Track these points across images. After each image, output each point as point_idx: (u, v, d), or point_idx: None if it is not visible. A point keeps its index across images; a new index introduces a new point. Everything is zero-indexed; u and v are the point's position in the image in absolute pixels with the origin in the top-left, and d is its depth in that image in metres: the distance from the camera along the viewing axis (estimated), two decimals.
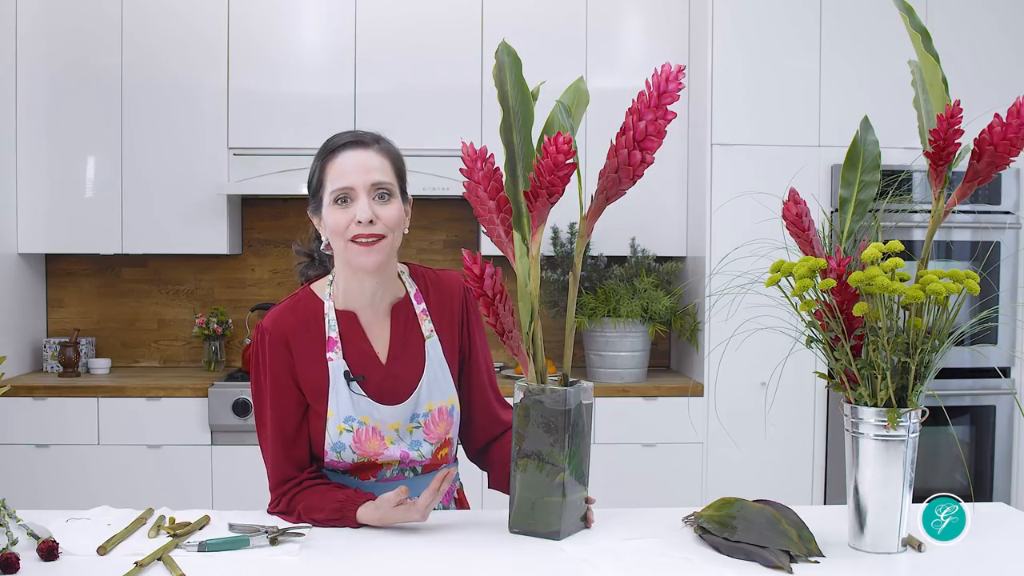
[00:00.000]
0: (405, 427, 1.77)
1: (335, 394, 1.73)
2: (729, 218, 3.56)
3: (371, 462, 1.76)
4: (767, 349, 1.71)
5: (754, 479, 3.61)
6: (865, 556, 1.55)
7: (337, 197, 1.69)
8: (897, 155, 3.02)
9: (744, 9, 3.76)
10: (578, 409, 1.61)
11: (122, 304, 4.24)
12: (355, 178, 1.68)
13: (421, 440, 1.78)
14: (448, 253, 4.29)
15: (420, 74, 3.92)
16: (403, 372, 1.78)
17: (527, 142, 1.59)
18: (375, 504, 1.65)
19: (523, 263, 1.60)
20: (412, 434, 1.78)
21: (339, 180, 1.68)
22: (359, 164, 1.69)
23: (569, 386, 1.61)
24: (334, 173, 1.69)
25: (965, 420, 3.85)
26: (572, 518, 1.64)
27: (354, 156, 1.70)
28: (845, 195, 1.66)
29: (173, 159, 3.88)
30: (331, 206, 1.69)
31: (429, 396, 1.78)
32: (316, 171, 1.74)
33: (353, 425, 1.73)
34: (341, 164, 1.69)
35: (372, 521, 1.65)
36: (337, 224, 1.68)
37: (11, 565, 1.42)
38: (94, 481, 3.59)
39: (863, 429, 1.55)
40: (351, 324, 1.77)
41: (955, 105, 1.53)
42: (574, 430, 1.60)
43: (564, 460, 1.59)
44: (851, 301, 1.53)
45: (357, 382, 1.74)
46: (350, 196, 1.68)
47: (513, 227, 1.59)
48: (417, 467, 1.81)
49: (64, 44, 3.86)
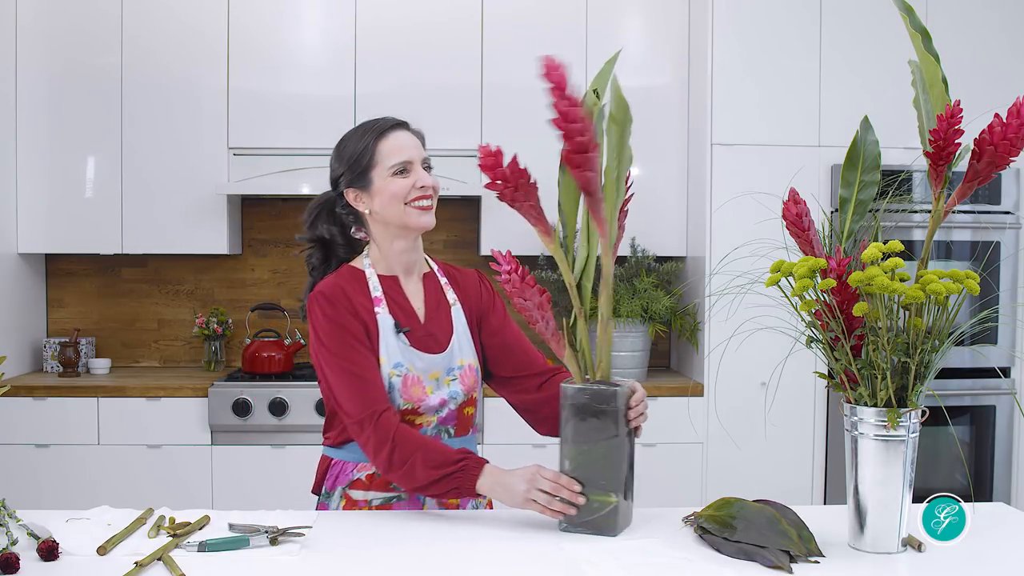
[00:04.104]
0: (444, 378, 1.94)
1: (385, 344, 1.89)
2: (729, 218, 3.56)
3: (414, 410, 1.89)
4: (767, 349, 1.71)
5: (754, 479, 3.61)
6: (865, 556, 1.55)
7: (398, 169, 1.90)
8: (897, 155, 3.02)
9: (744, 9, 3.76)
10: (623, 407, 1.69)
11: (122, 304, 4.24)
12: (412, 152, 1.92)
13: (458, 390, 1.96)
14: (448, 253, 4.29)
15: (420, 74, 3.92)
16: (437, 331, 1.97)
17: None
18: (505, 485, 1.72)
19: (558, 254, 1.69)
20: (449, 386, 1.94)
21: (399, 155, 1.91)
22: (411, 141, 1.94)
23: (616, 386, 1.68)
24: (391, 149, 1.91)
25: (965, 420, 3.85)
26: (626, 514, 1.69)
27: (405, 135, 1.94)
28: (845, 195, 1.66)
29: (173, 159, 3.88)
30: (391, 177, 1.90)
31: (460, 352, 1.97)
32: (367, 148, 1.92)
33: (401, 371, 1.88)
34: (397, 141, 1.92)
35: (488, 492, 1.75)
36: (400, 190, 1.90)
37: (11, 565, 1.42)
38: (94, 481, 3.59)
39: (863, 429, 1.55)
40: (393, 286, 1.96)
41: (955, 105, 1.53)
42: (618, 427, 1.66)
43: (613, 459, 1.65)
44: (851, 301, 1.53)
45: (404, 333, 1.91)
46: (408, 168, 1.91)
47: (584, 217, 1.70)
48: (450, 428, 1.95)
49: (64, 44, 3.86)
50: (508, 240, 3.60)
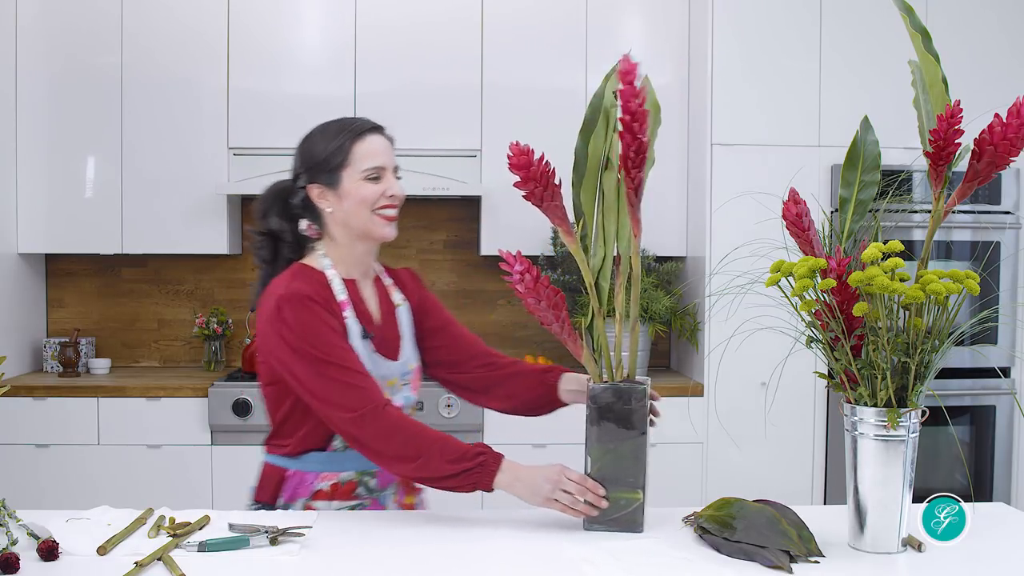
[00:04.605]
0: (399, 384, 1.93)
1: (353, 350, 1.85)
2: (729, 218, 3.56)
3: None
4: (767, 349, 1.71)
5: (754, 479, 3.61)
6: (865, 556, 1.55)
7: (371, 175, 1.86)
8: (897, 155, 3.02)
9: (744, 9, 3.76)
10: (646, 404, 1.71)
11: (122, 304, 4.24)
12: (385, 159, 1.89)
13: (410, 395, 1.97)
14: (448, 253, 4.29)
15: (420, 74, 3.92)
16: (390, 335, 1.95)
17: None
18: (527, 482, 1.69)
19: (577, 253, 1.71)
20: (402, 389, 1.94)
21: (373, 159, 1.87)
22: (386, 147, 1.91)
23: (641, 384, 1.69)
24: (366, 152, 1.87)
25: (965, 420, 3.85)
26: (644, 510, 1.71)
27: (380, 140, 1.90)
28: (845, 195, 1.66)
29: (173, 159, 3.88)
30: (362, 181, 1.86)
31: (410, 357, 1.98)
32: (343, 148, 1.87)
33: None
34: (372, 145, 1.88)
35: (506, 488, 1.71)
36: (370, 195, 1.86)
37: (11, 565, 1.42)
38: (94, 481, 3.59)
39: (863, 429, 1.55)
40: (353, 290, 1.92)
41: (955, 105, 1.53)
42: (644, 425, 1.68)
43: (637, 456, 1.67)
44: (851, 301, 1.53)
45: (370, 339, 1.89)
46: (380, 175, 1.88)
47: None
48: None
49: (64, 44, 3.86)
50: (508, 240, 3.60)
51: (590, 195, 1.72)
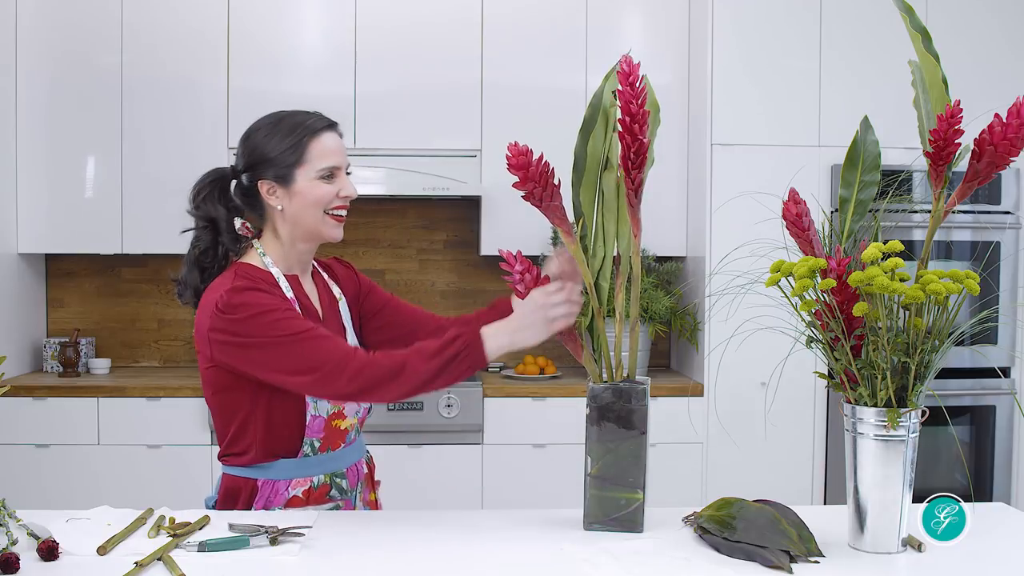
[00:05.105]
0: None
1: None
2: (729, 218, 3.56)
3: (339, 412, 1.84)
4: (767, 349, 1.71)
5: (754, 479, 3.61)
6: (865, 556, 1.55)
7: (325, 174, 1.83)
8: (897, 155, 3.02)
9: (744, 9, 3.76)
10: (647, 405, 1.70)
11: (122, 304, 4.24)
12: (340, 159, 1.86)
13: None
14: (448, 253, 4.29)
15: (420, 74, 3.92)
16: (335, 327, 1.91)
17: None
18: (523, 331, 1.66)
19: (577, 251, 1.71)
20: None
21: (328, 159, 1.83)
22: (340, 146, 1.88)
23: (637, 384, 1.69)
24: (322, 151, 1.83)
25: (965, 420, 3.85)
26: (644, 510, 1.70)
27: (335, 139, 1.87)
28: (845, 195, 1.66)
29: (173, 159, 3.88)
30: (316, 180, 1.82)
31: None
32: (299, 145, 1.83)
33: None
34: (328, 144, 1.85)
35: (508, 348, 1.66)
36: (325, 195, 1.82)
37: (11, 565, 1.42)
38: (94, 481, 3.59)
39: (863, 429, 1.55)
40: (296, 286, 1.87)
41: (955, 105, 1.53)
42: (644, 425, 1.68)
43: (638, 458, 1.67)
44: (851, 301, 1.53)
45: None
46: (335, 174, 1.84)
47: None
48: (358, 426, 1.93)
49: (64, 43, 3.86)
50: (507, 240, 3.60)
51: (590, 195, 1.72)
